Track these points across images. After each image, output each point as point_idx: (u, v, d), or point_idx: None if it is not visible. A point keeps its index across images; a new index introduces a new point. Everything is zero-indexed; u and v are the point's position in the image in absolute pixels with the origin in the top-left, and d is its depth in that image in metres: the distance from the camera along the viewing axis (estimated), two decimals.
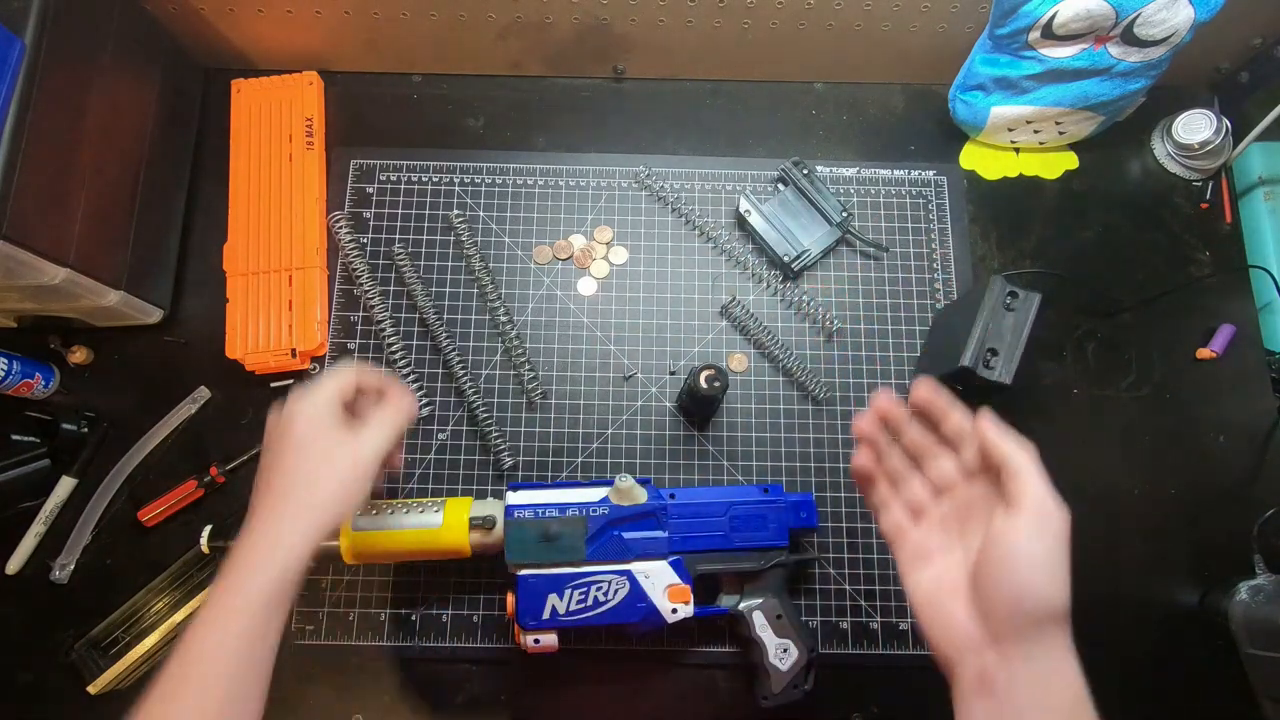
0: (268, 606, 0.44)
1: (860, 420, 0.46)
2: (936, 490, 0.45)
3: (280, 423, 0.50)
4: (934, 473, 0.45)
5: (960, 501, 0.43)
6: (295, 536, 0.46)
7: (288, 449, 0.48)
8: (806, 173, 0.73)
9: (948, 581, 0.41)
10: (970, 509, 0.42)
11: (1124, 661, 0.64)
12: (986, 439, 0.40)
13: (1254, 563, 0.65)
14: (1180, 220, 0.76)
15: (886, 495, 0.47)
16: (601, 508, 0.59)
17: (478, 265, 0.71)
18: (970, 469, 0.43)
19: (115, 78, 0.62)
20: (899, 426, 0.46)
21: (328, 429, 0.49)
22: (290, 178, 0.72)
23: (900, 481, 0.46)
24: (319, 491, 0.47)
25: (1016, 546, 0.37)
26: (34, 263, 0.54)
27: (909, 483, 0.46)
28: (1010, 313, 0.59)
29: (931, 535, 0.44)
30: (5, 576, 0.64)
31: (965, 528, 0.42)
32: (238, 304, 0.69)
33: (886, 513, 0.46)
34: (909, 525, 0.45)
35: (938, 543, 0.43)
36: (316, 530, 0.46)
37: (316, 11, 0.70)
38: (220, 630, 0.43)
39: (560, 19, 0.71)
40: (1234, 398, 0.71)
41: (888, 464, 0.47)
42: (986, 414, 0.41)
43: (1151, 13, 0.62)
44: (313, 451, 0.48)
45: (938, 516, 0.44)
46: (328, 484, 0.48)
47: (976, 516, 0.42)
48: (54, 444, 0.64)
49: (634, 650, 0.64)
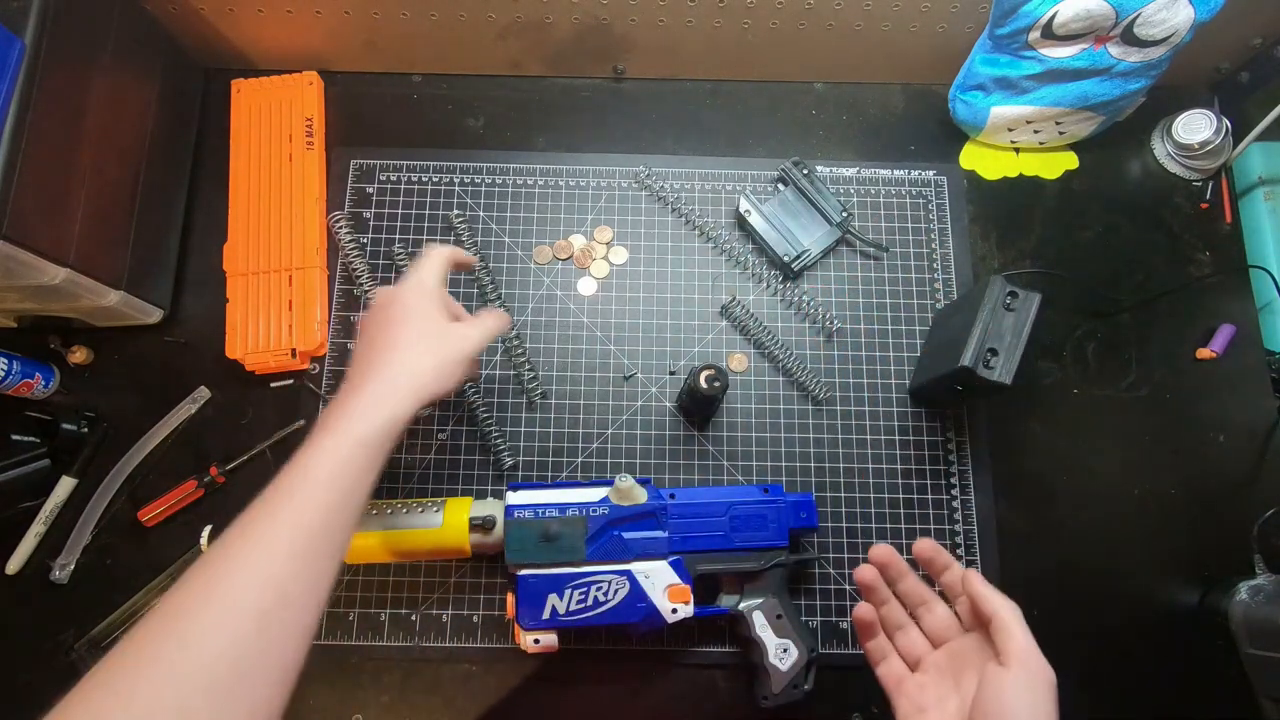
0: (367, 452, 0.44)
1: (861, 570, 0.48)
2: (933, 640, 0.47)
3: (389, 292, 0.52)
4: (929, 622, 0.47)
5: (955, 651, 0.46)
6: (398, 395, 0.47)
7: (396, 317, 0.50)
8: (806, 173, 0.73)
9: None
10: (965, 658, 0.45)
11: (1124, 661, 0.64)
12: (976, 593, 0.43)
13: (1254, 563, 0.65)
14: (1180, 220, 0.76)
15: (885, 645, 0.49)
16: (601, 508, 0.59)
17: (477, 266, 0.71)
18: (965, 622, 0.46)
19: (115, 78, 0.62)
20: (897, 575, 0.48)
21: (436, 308, 0.51)
22: (290, 178, 0.72)
23: (896, 630, 0.49)
24: (424, 359, 0.49)
25: (1006, 700, 0.40)
26: (34, 263, 0.54)
27: (906, 632, 0.48)
28: (1010, 313, 0.59)
29: (928, 684, 0.46)
30: (5, 576, 0.64)
31: (960, 678, 0.44)
32: (238, 304, 0.69)
33: (885, 662, 0.48)
34: (906, 675, 0.47)
35: (934, 693, 0.45)
36: (414, 396, 0.47)
37: (316, 11, 0.70)
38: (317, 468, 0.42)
39: (560, 19, 0.71)
40: (1234, 398, 0.71)
41: (886, 613, 0.49)
42: (974, 573, 0.44)
43: (1151, 13, 0.62)
44: (423, 325, 0.50)
45: (933, 665, 0.46)
46: (431, 357, 0.49)
47: (970, 668, 0.44)
48: (54, 444, 0.64)
49: (634, 650, 0.64)
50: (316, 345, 0.69)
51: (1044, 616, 0.65)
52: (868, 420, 0.69)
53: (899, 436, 0.69)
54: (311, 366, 0.69)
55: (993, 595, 0.43)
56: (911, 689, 0.46)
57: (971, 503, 0.67)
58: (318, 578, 0.41)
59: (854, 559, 0.66)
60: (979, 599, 0.43)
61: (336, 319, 0.71)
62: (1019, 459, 0.69)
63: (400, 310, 0.50)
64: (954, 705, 0.43)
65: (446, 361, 0.50)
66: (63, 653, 0.62)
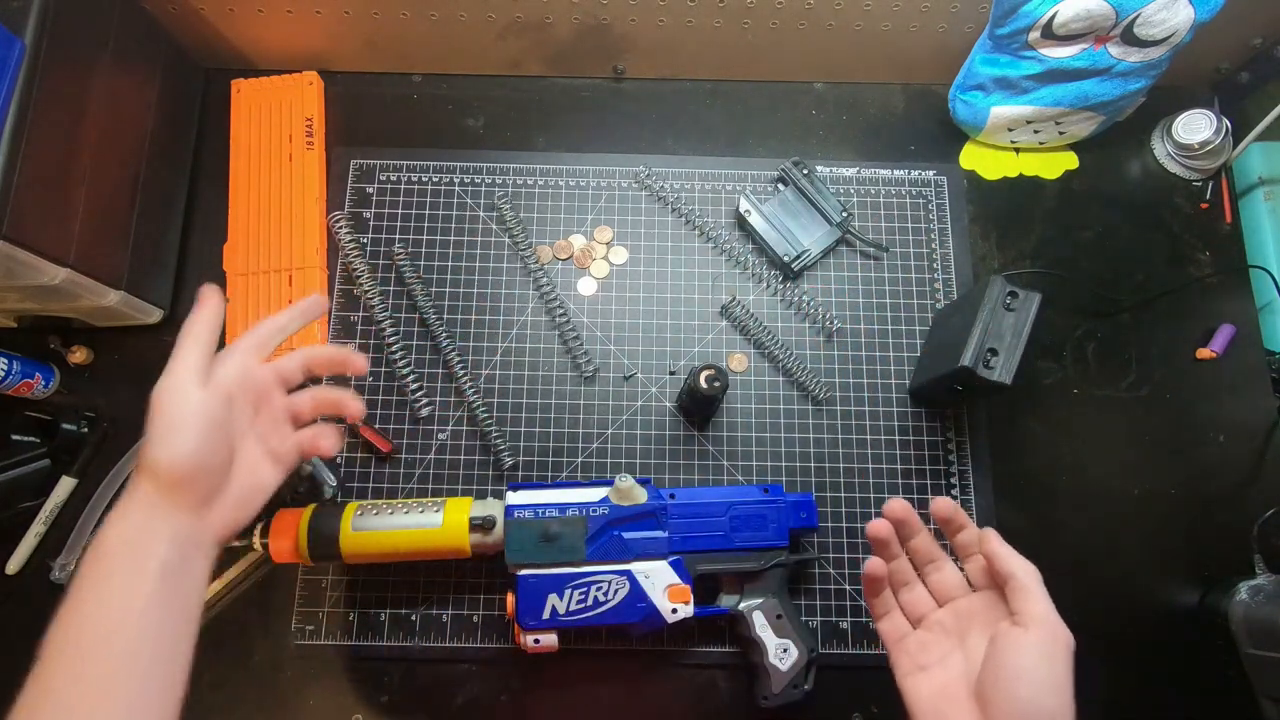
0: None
1: (875, 524, 0.47)
2: (938, 598, 0.46)
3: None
4: (936, 580, 0.47)
5: (961, 609, 0.45)
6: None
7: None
8: (806, 173, 0.73)
9: (951, 690, 0.42)
10: (972, 617, 0.44)
11: (1124, 661, 0.64)
12: (994, 552, 0.42)
13: (1254, 563, 0.65)
14: (1180, 220, 0.76)
15: (889, 600, 0.48)
16: (601, 508, 0.59)
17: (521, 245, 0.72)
18: (975, 580, 0.45)
19: (115, 78, 0.62)
20: (910, 532, 0.47)
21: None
22: (290, 178, 0.72)
23: (902, 586, 0.48)
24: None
25: (1025, 665, 0.39)
26: (34, 263, 0.54)
27: (912, 588, 0.47)
28: (1010, 313, 0.59)
29: (930, 642, 0.45)
30: (5, 576, 0.64)
31: (966, 637, 0.44)
32: (238, 304, 0.69)
33: (888, 618, 0.47)
34: (909, 631, 0.46)
35: (936, 651, 0.44)
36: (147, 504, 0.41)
37: (316, 11, 0.70)
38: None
39: (560, 19, 0.71)
40: (1234, 398, 0.71)
41: (894, 568, 0.48)
42: (992, 532, 0.43)
43: (1151, 13, 0.62)
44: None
45: (937, 623, 0.45)
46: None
47: (978, 627, 0.43)
48: (54, 444, 0.64)
49: (634, 650, 0.64)
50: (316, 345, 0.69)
51: None
52: (868, 420, 0.69)
53: (899, 436, 0.69)
54: None
55: (1012, 556, 0.42)
56: (912, 645, 0.45)
57: (971, 503, 0.67)
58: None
59: (854, 559, 0.66)
60: (996, 558, 0.42)
61: (336, 319, 0.71)
62: (1019, 459, 0.69)
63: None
64: (958, 663, 0.43)
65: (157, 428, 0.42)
66: None
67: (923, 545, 0.47)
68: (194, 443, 0.42)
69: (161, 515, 0.41)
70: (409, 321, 0.71)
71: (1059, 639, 0.39)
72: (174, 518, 0.41)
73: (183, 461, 0.41)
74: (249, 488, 0.46)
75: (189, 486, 0.42)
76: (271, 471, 0.48)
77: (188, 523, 0.42)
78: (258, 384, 0.48)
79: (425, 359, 0.70)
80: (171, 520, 0.41)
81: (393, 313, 0.70)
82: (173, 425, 0.42)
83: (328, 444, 0.51)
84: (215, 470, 0.43)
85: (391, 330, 0.69)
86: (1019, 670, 0.39)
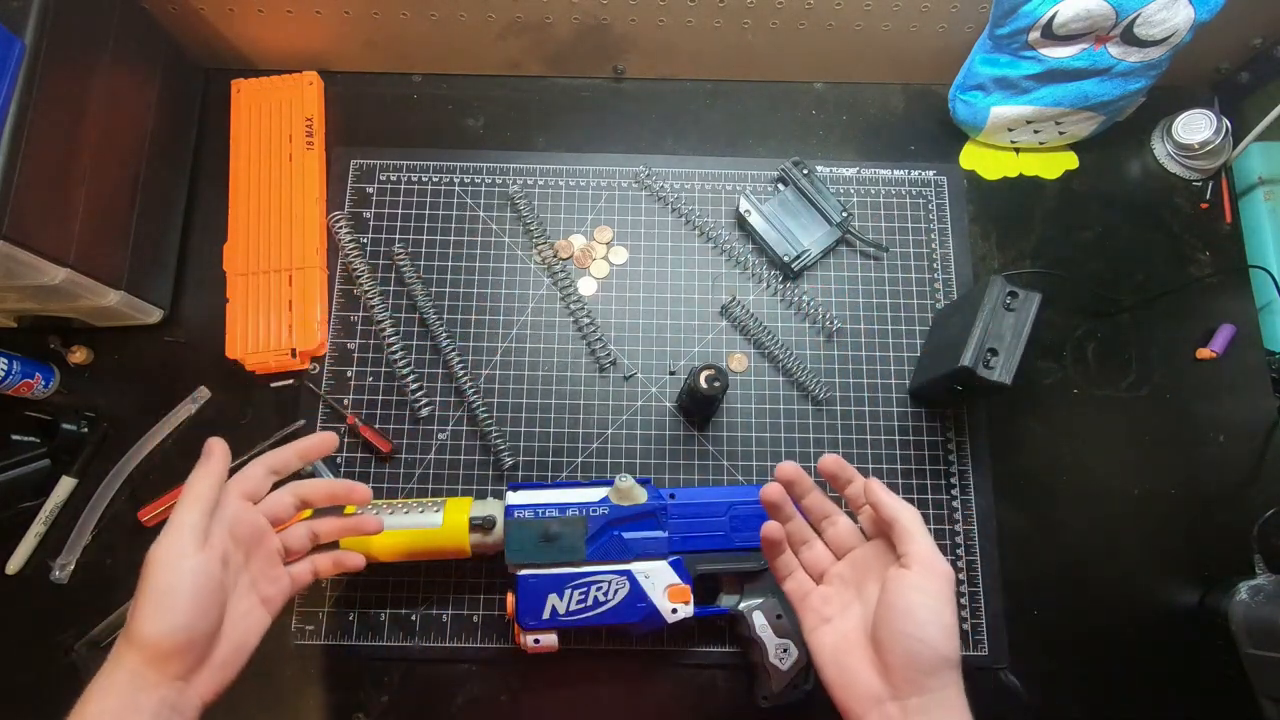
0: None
1: (768, 489, 0.48)
2: (836, 552, 0.48)
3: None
4: (832, 534, 0.48)
5: (857, 559, 0.46)
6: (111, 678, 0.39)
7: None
8: (806, 173, 0.73)
9: (849, 638, 0.44)
10: (867, 565, 0.45)
11: (1124, 661, 0.64)
12: (877, 500, 0.44)
13: (1254, 563, 0.65)
14: (1180, 220, 0.75)
15: (790, 560, 0.49)
16: (601, 508, 0.59)
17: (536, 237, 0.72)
18: (868, 530, 0.46)
19: (115, 78, 0.62)
20: (802, 491, 0.48)
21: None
22: (290, 178, 0.72)
23: (801, 545, 0.49)
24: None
25: (907, 600, 0.41)
26: (34, 263, 0.54)
27: (811, 546, 0.49)
28: (1010, 313, 0.59)
29: (831, 596, 0.46)
30: (5, 576, 0.64)
31: (863, 586, 0.45)
32: (238, 304, 0.69)
33: (791, 577, 0.48)
34: (812, 588, 0.47)
35: (838, 603, 0.46)
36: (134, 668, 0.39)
37: (316, 11, 0.70)
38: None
39: (560, 19, 0.71)
40: (1234, 398, 0.71)
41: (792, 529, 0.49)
42: (875, 481, 0.45)
43: (1151, 13, 0.62)
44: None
45: (836, 576, 0.47)
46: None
47: (873, 575, 0.45)
48: (54, 444, 0.64)
49: (634, 650, 0.64)
50: (316, 345, 0.69)
51: (1044, 616, 0.65)
52: (868, 420, 0.69)
53: (899, 436, 0.69)
54: (311, 366, 0.69)
55: (893, 501, 0.43)
56: (816, 601, 0.46)
57: (971, 503, 0.67)
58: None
59: None
60: (880, 505, 0.44)
61: (336, 319, 0.71)
62: (1019, 459, 0.69)
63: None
64: (857, 611, 0.44)
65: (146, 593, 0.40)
66: (63, 653, 0.62)
67: (815, 503, 0.48)
68: (186, 616, 0.40)
69: (148, 689, 0.39)
70: (409, 321, 0.71)
71: (937, 573, 0.41)
72: (160, 689, 0.39)
73: (173, 635, 0.39)
74: (237, 645, 0.44)
75: (179, 658, 0.40)
76: (261, 617, 0.46)
77: (175, 692, 0.40)
78: (249, 530, 0.46)
79: (425, 359, 0.70)
80: (157, 693, 0.39)
81: (393, 313, 0.70)
82: (164, 597, 0.40)
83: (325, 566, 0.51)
84: (206, 637, 0.41)
85: (391, 330, 0.69)
86: (905, 607, 0.40)
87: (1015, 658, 0.64)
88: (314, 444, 0.50)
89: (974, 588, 0.65)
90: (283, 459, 0.49)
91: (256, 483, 0.47)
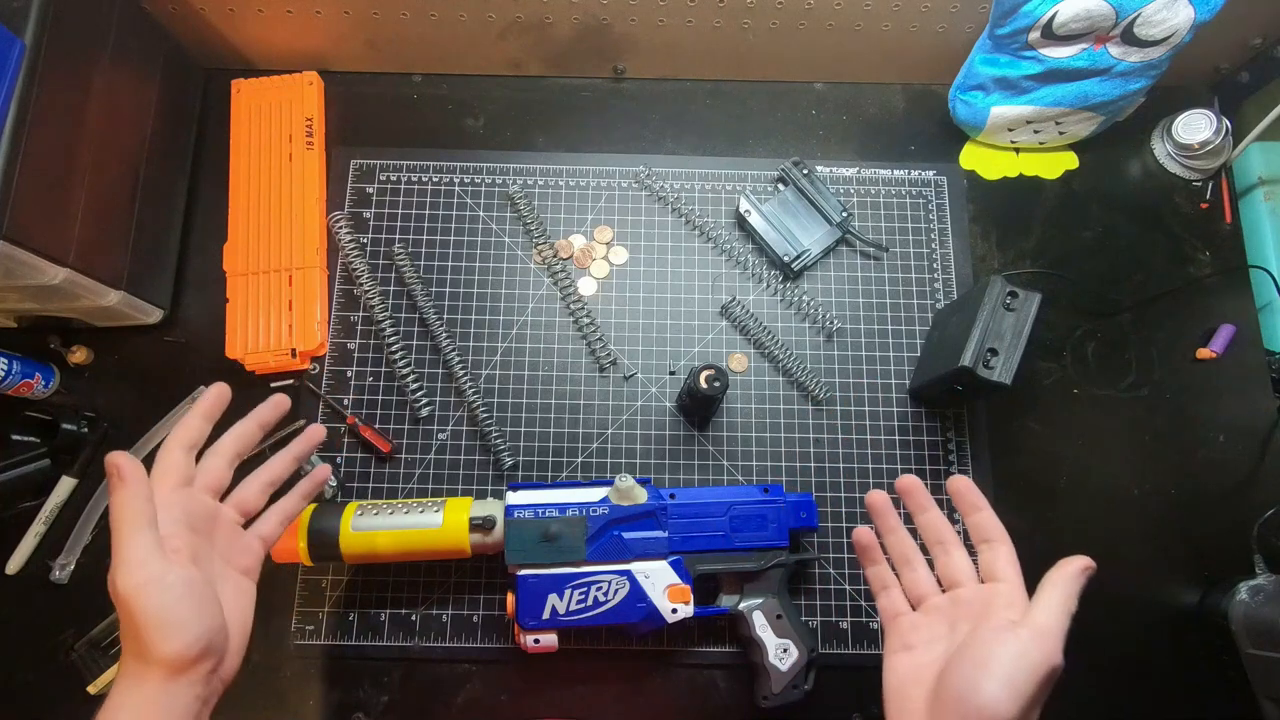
0: None
1: (871, 496, 0.46)
2: (944, 583, 0.44)
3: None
4: (944, 562, 0.44)
5: (962, 598, 0.43)
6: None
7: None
8: (806, 173, 0.73)
9: (921, 672, 0.41)
10: (971, 608, 0.42)
11: (1124, 661, 0.64)
12: (1052, 580, 0.40)
13: (1254, 563, 0.65)
14: (1180, 220, 0.75)
15: (888, 576, 0.47)
16: (601, 508, 0.59)
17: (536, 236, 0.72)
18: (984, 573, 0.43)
19: (115, 78, 0.62)
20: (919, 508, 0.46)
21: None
22: (290, 178, 0.72)
23: (904, 565, 0.46)
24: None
25: (995, 654, 0.37)
26: (34, 263, 0.54)
27: (914, 568, 0.46)
28: (1010, 313, 0.59)
29: (922, 625, 0.44)
30: (5, 576, 0.64)
31: (956, 624, 0.42)
32: (238, 304, 0.69)
33: (886, 594, 0.46)
34: (905, 610, 0.45)
35: (926, 634, 0.43)
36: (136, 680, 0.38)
37: (316, 11, 0.70)
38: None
39: (560, 19, 0.71)
40: (1234, 398, 0.71)
41: (894, 544, 0.47)
42: (1076, 567, 0.40)
43: (1151, 13, 0.62)
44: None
45: (934, 607, 0.44)
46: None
47: (974, 617, 0.41)
48: (54, 444, 0.64)
49: (634, 650, 0.64)
50: (316, 345, 0.69)
51: None
52: (868, 420, 0.69)
53: (899, 436, 0.69)
54: (311, 366, 0.69)
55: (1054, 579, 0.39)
56: (905, 626, 0.44)
57: None
58: None
59: (854, 559, 0.66)
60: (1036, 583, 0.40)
61: (336, 319, 0.71)
62: (1019, 459, 0.69)
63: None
64: (940, 650, 0.41)
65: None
66: (63, 653, 0.62)
67: (931, 524, 0.45)
68: (195, 626, 0.39)
69: (180, 693, 0.38)
70: (409, 321, 0.71)
71: (1046, 652, 0.37)
72: (193, 689, 0.39)
73: (191, 648, 0.38)
74: (240, 623, 0.44)
75: (204, 661, 0.39)
76: (248, 588, 0.46)
77: (203, 684, 0.39)
78: (201, 515, 0.44)
79: (425, 359, 0.70)
80: (190, 692, 0.39)
81: (393, 313, 0.70)
82: (165, 616, 0.38)
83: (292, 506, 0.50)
84: (219, 632, 0.41)
85: (391, 330, 0.69)
86: (987, 659, 0.37)
87: None
88: (268, 410, 0.50)
89: None
90: (243, 438, 0.48)
91: (217, 475, 0.46)
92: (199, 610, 0.40)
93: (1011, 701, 0.35)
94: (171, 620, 0.38)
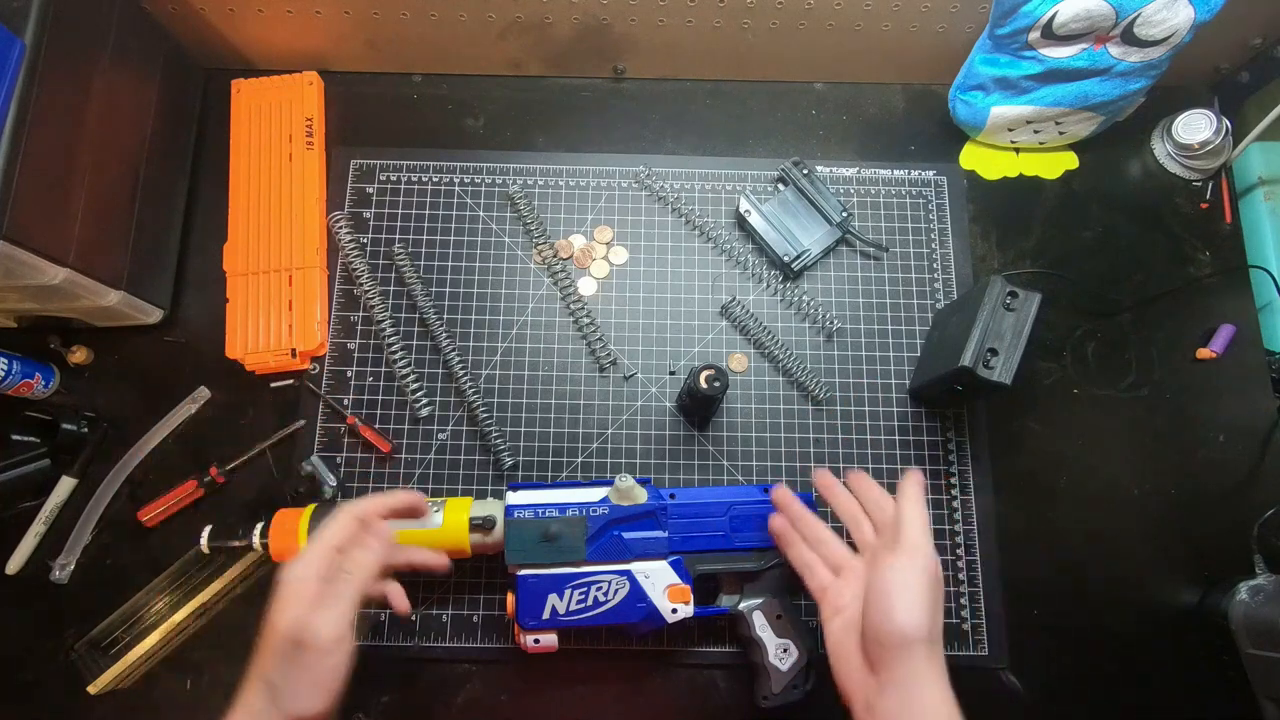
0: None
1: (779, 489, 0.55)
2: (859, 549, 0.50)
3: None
4: (857, 535, 0.51)
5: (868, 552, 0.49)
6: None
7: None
8: (806, 173, 0.73)
9: (851, 624, 0.47)
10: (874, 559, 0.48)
11: (1124, 661, 0.64)
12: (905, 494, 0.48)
13: (1254, 563, 0.65)
14: (1180, 220, 0.75)
15: (809, 556, 0.52)
16: (601, 508, 0.59)
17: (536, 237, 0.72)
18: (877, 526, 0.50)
19: (115, 78, 0.62)
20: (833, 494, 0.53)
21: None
22: (290, 178, 0.72)
23: (821, 544, 0.52)
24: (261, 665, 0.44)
25: (885, 579, 0.44)
26: (34, 263, 0.54)
27: (829, 544, 0.52)
28: (1010, 313, 0.59)
29: (844, 586, 0.49)
30: (5, 576, 0.64)
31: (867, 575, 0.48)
32: (238, 304, 0.69)
33: (810, 572, 0.52)
34: (830, 581, 0.50)
35: (849, 592, 0.48)
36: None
37: (316, 11, 0.70)
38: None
39: (560, 19, 0.71)
40: (1234, 398, 0.71)
41: (805, 528, 0.53)
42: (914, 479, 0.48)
43: (1151, 13, 0.62)
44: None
45: (851, 570, 0.50)
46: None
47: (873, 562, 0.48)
48: (54, 444, 0.64)
49: (634, 650, 0.64)
50: (316, 345, 0.69)
51: (1044, 616, 0.65)
52: (868, 420, 0.69)
53: (899, 436, 0.69)
54: (311, 366, 0.69)
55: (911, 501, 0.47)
56: (831, 594, 0.49)
57: (971, 503, 0.67)
58: None
59: None
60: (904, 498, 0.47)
61: (336, 319, 0.71)
62: (1019, 459, 0.69)
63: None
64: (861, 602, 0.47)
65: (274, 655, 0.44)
66: (63, 653, 0.62)
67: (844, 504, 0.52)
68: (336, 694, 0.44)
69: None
70: (409, 321, 0.71)
71: (921, 556, 0.44)
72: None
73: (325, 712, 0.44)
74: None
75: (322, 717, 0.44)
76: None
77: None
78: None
79: (425, 359, 0.70)
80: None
81: (393, 313, 0.70)
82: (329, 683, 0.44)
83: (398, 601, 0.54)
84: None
85: (391, 330, 0.69)
86: (882, 588, 0.44)
87: (1015, 658, 0.64)
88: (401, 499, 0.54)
89: (974, 588, 0.65)
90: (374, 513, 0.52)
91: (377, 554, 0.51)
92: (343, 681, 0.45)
93: (919, 613, 0.43)
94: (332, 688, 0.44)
